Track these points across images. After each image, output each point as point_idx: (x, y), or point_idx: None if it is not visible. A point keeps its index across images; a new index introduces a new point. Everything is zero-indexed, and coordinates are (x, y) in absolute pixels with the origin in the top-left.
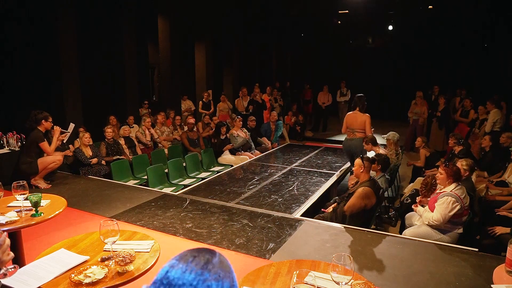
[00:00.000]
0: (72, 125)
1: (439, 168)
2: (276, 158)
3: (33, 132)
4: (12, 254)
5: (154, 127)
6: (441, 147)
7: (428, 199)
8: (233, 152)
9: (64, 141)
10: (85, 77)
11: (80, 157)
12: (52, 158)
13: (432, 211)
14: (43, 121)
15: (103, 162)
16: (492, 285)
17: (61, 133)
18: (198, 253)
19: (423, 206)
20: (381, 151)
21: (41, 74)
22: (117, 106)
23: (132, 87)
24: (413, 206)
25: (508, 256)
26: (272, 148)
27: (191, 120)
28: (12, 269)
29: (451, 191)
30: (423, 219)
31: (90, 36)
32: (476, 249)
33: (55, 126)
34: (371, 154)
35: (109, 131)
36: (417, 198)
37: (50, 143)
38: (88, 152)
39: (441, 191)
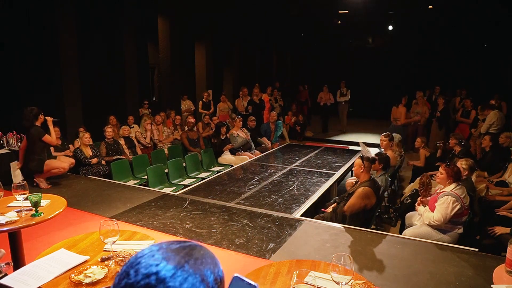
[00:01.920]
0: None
1: (440, 168)
2: (276, 158)
3: (32, 129)
4: (3, 251)
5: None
6: None
7: (428, 198)
8: (233, 152)
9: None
10: (85, 77)
11: (80, 157)
12: (57, 164)
13: (433, 211)
14: (40, 115)
15: (103, 162)
16: (492, 285)
17: (54, 122)
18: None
19: (424, 206)
20: (393, 153)
21: (41, 74)
22: (117, 106)
23: (132, 87)
24: (416, 205)
25: (508, 256)
26: (272, 148)
27: (191, 120)
28: (4, 266)
29: (451, 190)
30: (424, 219)
31: (90, 36)
32: (476, 249)
33: (46, 118)
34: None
35: (109, 131)
36: (418, 198)
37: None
38: (88, 152)
39: (441, 190)
